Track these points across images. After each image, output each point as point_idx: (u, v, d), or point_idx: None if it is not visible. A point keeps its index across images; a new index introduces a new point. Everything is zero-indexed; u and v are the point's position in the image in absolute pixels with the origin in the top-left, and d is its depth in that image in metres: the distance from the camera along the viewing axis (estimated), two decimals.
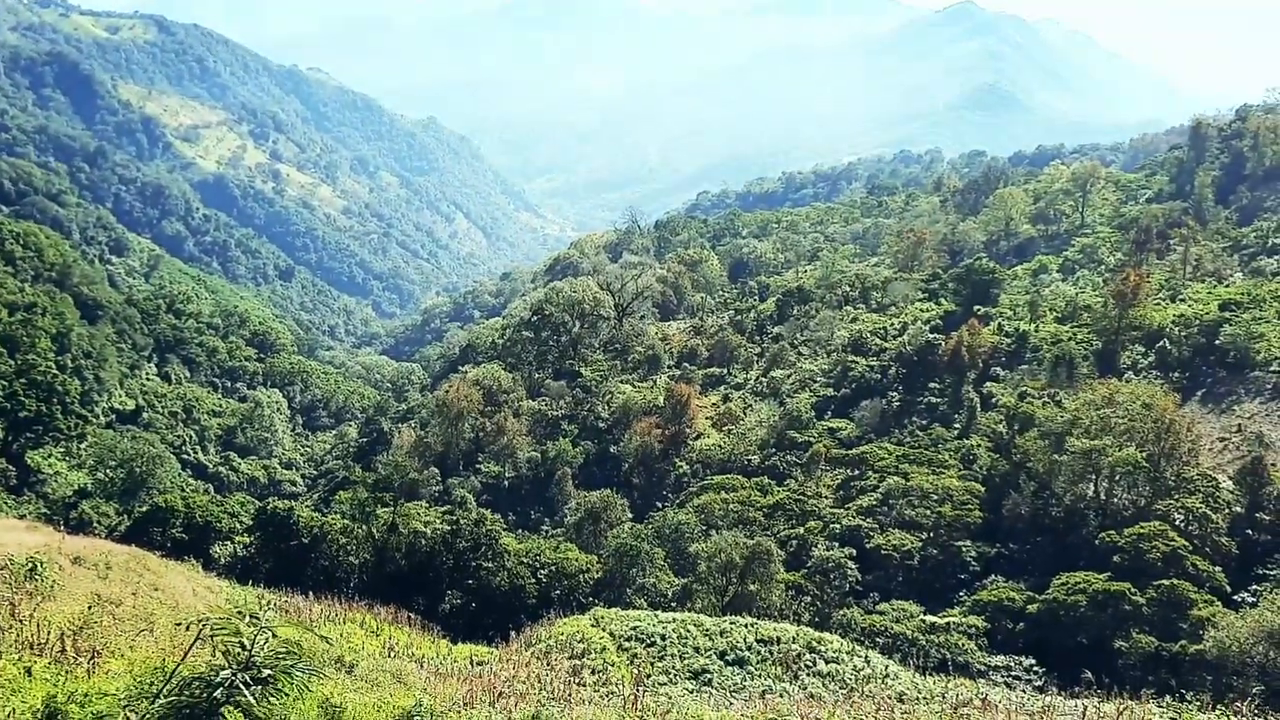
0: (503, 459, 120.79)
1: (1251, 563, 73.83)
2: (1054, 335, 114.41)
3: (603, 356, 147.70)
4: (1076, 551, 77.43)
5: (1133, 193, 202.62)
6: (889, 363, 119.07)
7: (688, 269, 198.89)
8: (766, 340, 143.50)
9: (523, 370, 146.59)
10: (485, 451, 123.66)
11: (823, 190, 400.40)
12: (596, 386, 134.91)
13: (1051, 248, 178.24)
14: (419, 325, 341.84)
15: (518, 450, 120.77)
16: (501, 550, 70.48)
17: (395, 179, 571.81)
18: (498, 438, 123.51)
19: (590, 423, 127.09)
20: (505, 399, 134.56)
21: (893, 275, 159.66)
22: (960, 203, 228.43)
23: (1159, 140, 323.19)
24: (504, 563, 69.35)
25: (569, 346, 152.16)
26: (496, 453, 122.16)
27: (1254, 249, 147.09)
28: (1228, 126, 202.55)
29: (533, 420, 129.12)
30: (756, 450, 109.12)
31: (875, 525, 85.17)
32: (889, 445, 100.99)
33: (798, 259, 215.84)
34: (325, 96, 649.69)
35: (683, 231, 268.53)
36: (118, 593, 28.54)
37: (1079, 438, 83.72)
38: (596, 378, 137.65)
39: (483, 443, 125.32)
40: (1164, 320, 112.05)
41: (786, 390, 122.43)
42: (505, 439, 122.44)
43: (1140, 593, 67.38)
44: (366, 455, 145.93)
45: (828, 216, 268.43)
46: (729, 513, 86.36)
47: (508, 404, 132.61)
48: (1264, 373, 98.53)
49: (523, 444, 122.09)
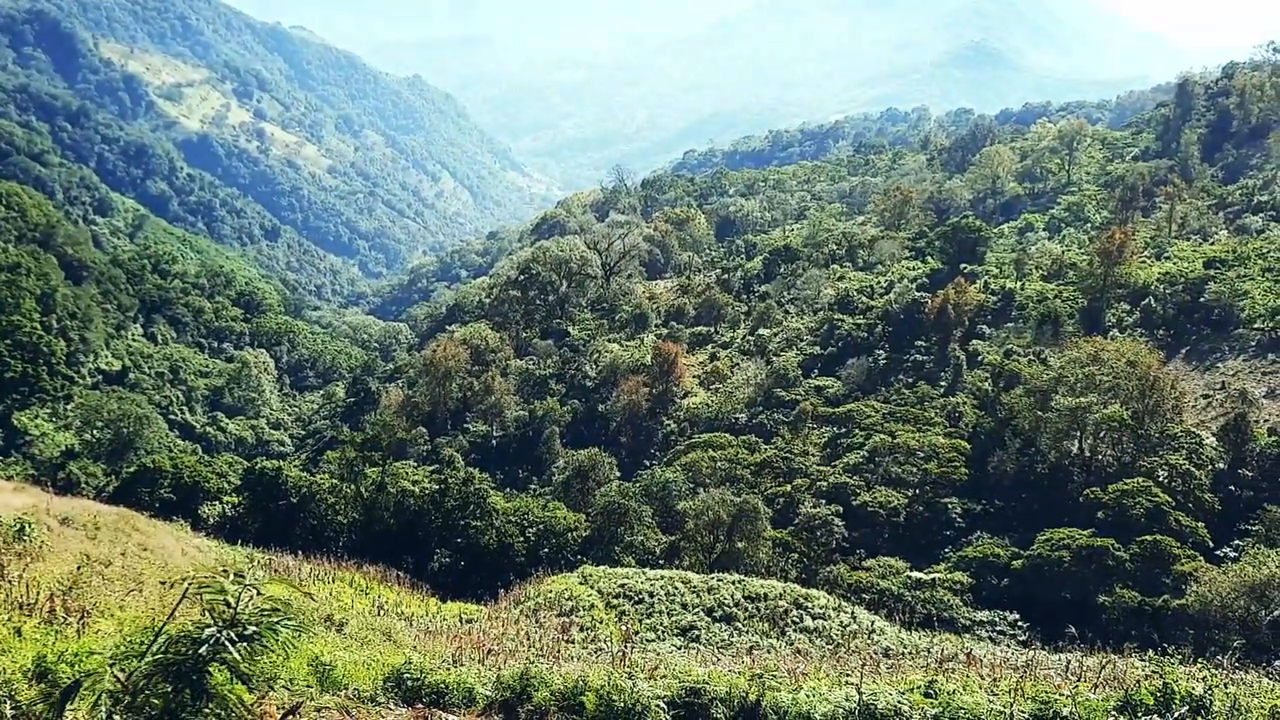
0: (490, 418, 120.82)
1: (1234, 518, 74.48)
2: (1040, 293, 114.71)
3: (590, 315, 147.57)
4: (1061, 508, 78.04)
5: (1119, 151, 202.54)
6: (875, 321, 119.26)
7: (675, 228, 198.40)
8: (753, 299, 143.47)
9: (510, 329, 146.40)
10: (473, 410, 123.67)
11: (810, 149, 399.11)
12: (584, 345, 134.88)
13: (1038, 206, 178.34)
14: (406, 285, 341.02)
15: (505, 409, 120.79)
16: (490, 509, 70.72)
17: (381, 138, 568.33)
18: (485, 397, 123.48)
19: (578, 381, 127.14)
20: (493, 358, 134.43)
21: (879, 234, 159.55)
22: (947, 161, 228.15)
23: (1146, 98, 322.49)
24: (492, 521, 69.60)
25: (556, 305, 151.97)
26: (484, 412, 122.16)
27: (1239, 207, 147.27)
28: (1215, 84, 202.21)
29: (520, 379, 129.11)
30: (744, 408, 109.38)
31: (862, 483, 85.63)
32: (875, 403, 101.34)
33: (785, 218, 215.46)
34: (309, 54, 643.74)
35: (670, 190, 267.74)
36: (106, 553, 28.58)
37: (1064, 395, 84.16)
38: (584, 337, 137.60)
39: (470, 402, 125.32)
40: (1149, 278, 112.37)
41: (773, 349, 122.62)
42: (493, 398, 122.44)
43: (1124, 548, 67.97)
44: (354, 415, 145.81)
45: (814, 175, 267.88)
46: (716, 470, 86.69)
47: (495, 363, 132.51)
48: (1248, 330, 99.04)
49: (510, 403, 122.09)
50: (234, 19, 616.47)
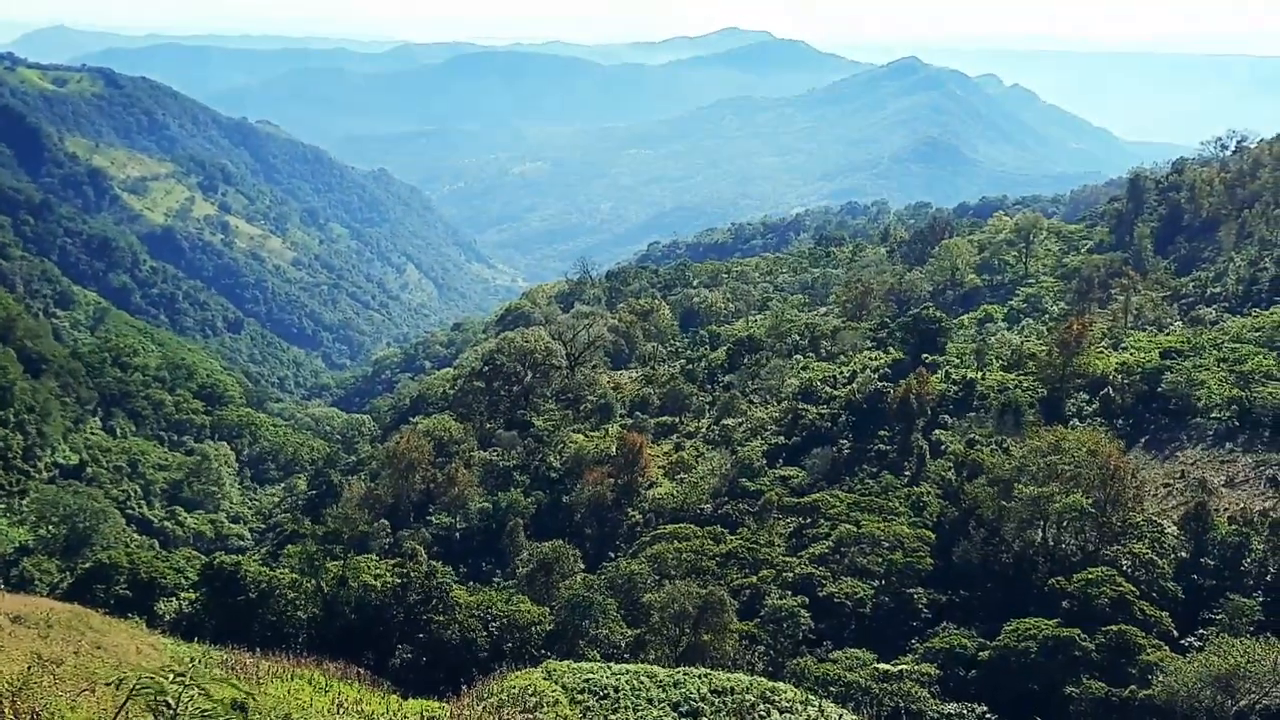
0: (454, 510, 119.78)
1: (1197, 607, 74.72)
2: (1000, 383, 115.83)
3: (555, 406, 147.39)
4: (1026, 597, 77.95)
5: (1074, 243, 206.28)
6: (839, 410, 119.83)
7: (639, 318, 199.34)
8: (718, 389, 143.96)
9: (474, 420, 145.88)
10: (436, 503, 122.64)
11: (772, 241, 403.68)
12: (549, 436, 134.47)
13: (997, 297, 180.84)
14: (370, 376, 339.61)
15: (469, 501, 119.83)
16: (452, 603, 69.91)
17: (346, 230, 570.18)
18: (449, 489, 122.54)
19: (542, 472, 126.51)
20: (456, 450, 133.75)
21: (841, 324, 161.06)
22: (907, 253, 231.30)
23: (1099, 192, 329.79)
24: (455, 615, 68.77)
25: (521, 396, 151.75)
26: (448, 504, 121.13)
27: (1193, 298, 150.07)
28: (1165, 179, 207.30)
29: (484, 471, 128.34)
30: (709, 499, 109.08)
31: (828, 573, 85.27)
32: (840, 493, 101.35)
33: (748, 308, 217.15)
34: (275, 148, 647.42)
35: (634, 281, 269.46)
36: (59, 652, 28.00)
37: (1026, 484, 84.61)
38: (548, 427, 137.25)
39: (434, 494, 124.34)
40: (1107, 368, 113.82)
41: (738, 438, 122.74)
42: (456, 490, 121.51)
43: (1090, 638, 67.93)
44: (316, 508, 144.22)
45: (777, 267, 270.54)
46: (682, 562, 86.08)
47: (459, 455, 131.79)
48: (1205, 419, 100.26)
49: (474, 495, 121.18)
50: (200, 114, 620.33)
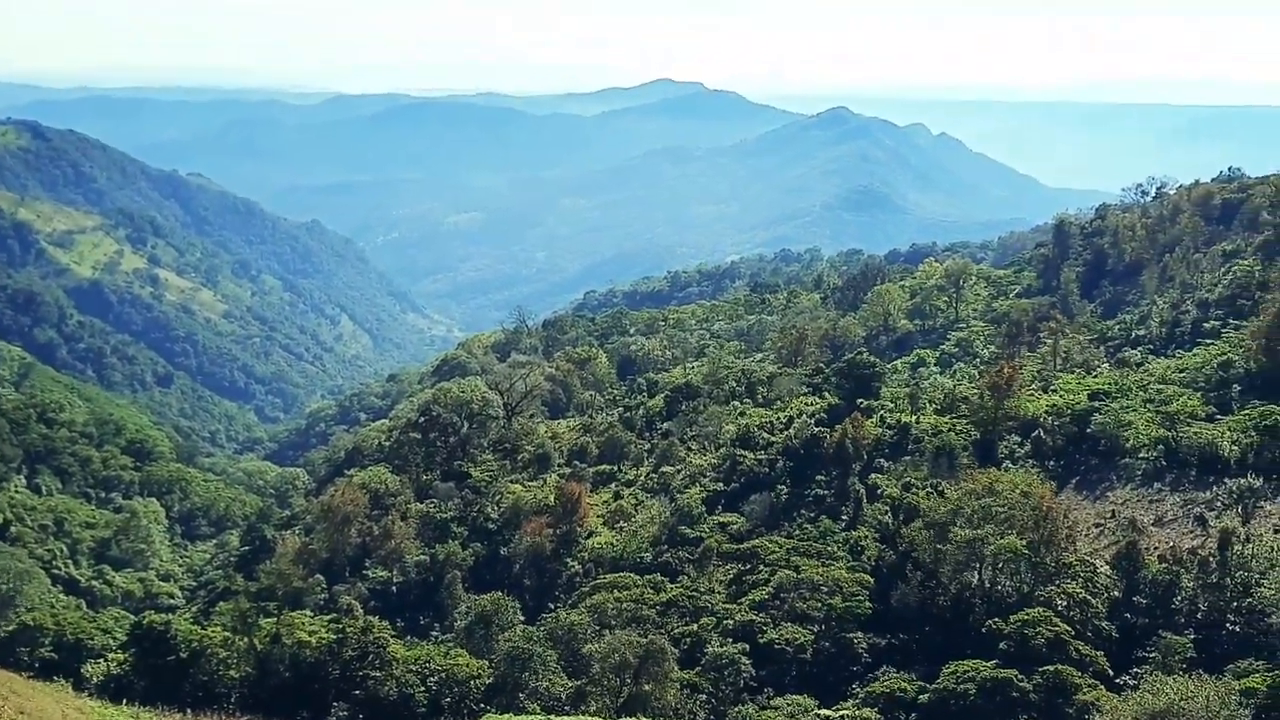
0: (391, 564, 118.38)
1: (1131, 646, 75.70)
2: (934, 426, 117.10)
3: (492, 456, 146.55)
4: (965, 639, 78.52)
5: (1003, 288, 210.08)
6: (777, 456, 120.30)
7: (576, 367, 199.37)
8: (656, 436, 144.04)
9: (410, 472, 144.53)
10: (372, 557, 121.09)
11: (707, 288, 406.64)
12: (486, 487, 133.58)
13: (929, 341, 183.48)
14: (303, 429, 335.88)
15: (406, 554, 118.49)
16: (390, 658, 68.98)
17: (278, 282, 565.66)
18: (385, 542, 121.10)
19: (480, 524, 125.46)
20: (392, 502, 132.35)
21: (778, 370, 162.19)
22: (840, 299, 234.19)
23: (1025, 237, 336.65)
24: (392, 671, 67.85)
25: (457, 447, 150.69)
26: (384, 557, 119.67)
27: (1119, 341, 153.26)
28: (1089, 224, 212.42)
29: (421, 523, 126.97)
30: (649, 547, 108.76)
31: (768, 619, 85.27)
32: (779, 538, 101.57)
33: (685, 356, 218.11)
34: (206, 200, 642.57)
35: (571, 330, 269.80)
36: None
37: (962, 527, 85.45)
38: (486, 478, 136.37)
39: (370, 548, 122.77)
40: (1038, 410, 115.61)
41: (677, 486, 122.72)
42: (393, 543, 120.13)
43: (1027, 679, 68.59)
44: (249, 564, 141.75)
45: (713, 314, 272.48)
46: (622, 611, 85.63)
47: (395, 507, 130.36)
48: (1133, 459, 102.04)
49: (411, 548, 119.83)
50: (129, 166, 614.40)
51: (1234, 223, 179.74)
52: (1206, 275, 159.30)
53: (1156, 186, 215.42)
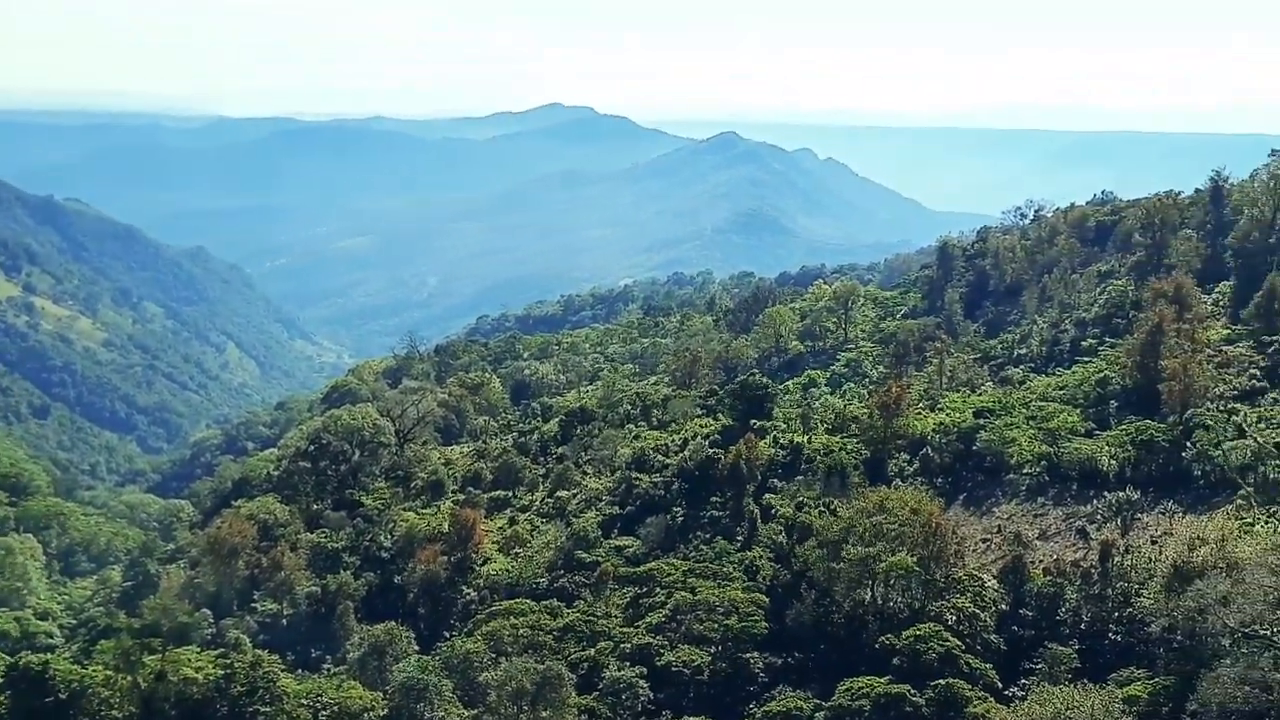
0: (280, 596, 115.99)
1: (1018, 658, 77.51)
2: (826, 446, 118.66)
3: (385, 484, 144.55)
4: (859, 656, 79.59)
5: (890, 309, 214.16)
6: (672, 478, 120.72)
7: (470, 392, 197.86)
8: (551, 461, 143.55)
9: (300, 502, 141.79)
10: (261, 589, 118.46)
11: (601, 312, 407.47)
12: (379, 515, 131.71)
13: (819, 362, 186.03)
14: (188, 460, 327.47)
15: (296, 586, 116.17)
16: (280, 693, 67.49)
17: (161, 309, 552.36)
18: (274, 574, 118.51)
19: (373, 553, 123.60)
20: (282, 533, 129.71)
21: (672, 393, 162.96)
22: (732, 321, 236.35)
23: (910, 259, 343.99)
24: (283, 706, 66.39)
25: (349, 476, 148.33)
26: (274, 590, 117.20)
27: (1001, 359, 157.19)
28: (971, 246, 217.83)
29: (312, 553, 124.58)
30: (545, 572, 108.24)
31: (665, 642, 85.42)
32: (675, 560, 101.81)
33: (579, 379, 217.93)
34: (84, 227, 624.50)
35: (463, 355, 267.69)
36: None
37: (854, 545, 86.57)
38: (378, 506, 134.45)
39: (258, 580, 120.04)
40: (925, 429, 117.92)
41: (573, 510, 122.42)
42: (283, 575, 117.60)
43: (920, 694, 69.77)
44: (132, 600, 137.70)
45: (606, 338, 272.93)
46: (518, 638, 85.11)
47: (285, 538, 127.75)
48: (1017, 475, 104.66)
49: (301, 579, 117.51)
50: (2, 192, 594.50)
51: (1108, 244, 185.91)
52: (1083, 295, 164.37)
53: (1035, 210, 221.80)
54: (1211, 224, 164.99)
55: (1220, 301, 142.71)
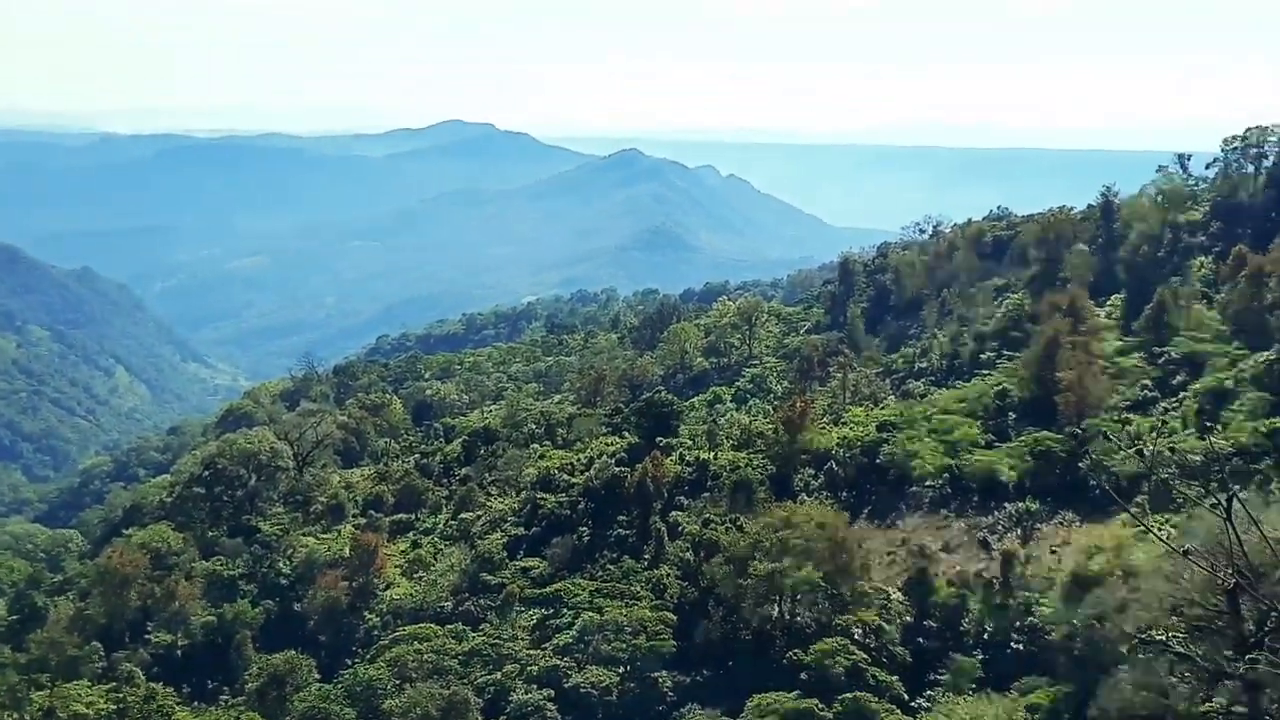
0: (175, 626, 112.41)
1: (924, 669, 78.08)
2: (732, 462, 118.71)
3: (283, 509, 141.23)
4: (767, 672, 79.43)
5: (794, 324, 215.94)
6: (578, 498, 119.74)
7: (370, 414, 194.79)
8: (454, 482, 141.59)
9: (195, 529, 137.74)
10: (155, 620, 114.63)
11: (504, 331, 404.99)
12: (277, 541, 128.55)
13: (724, 378, 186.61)
14: (77, 488, 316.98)
15: (191, 616, 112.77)
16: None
17: (46, 333, 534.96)
18: (169, 604, 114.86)
19: (271, 580, 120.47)
20: (176, 561, 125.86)
21: (577, 411, 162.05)
22: (637, 339, 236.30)
23: (813, 275, 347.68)
24: None
25: (245, 501, 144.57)
26: (168, 620, 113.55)
27: (903, 373, 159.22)
28: (872, 262, 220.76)
29: (208, 582, 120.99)
30: (449, 596, 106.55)
31: (573, 663, 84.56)
32: (582, 580, 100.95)
33: (482, 399, 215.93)
34: None
35: (363, 376, 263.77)
36: None
37: (761, 561, 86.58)
38: (277, 532, 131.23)
39: (152, 611, 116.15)
40: (830, 443, 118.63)
41: (477, 532, 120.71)
42: (177, 604, 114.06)
43: (828, 708, 69.79)
44: (17, 635, 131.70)
45: (510, 356, 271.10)
46: (423, 664, 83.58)
47: (179, 567, 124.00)
48: (921, 488, 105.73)
49: (197, 608, 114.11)
50: None
51: (1004, 259, 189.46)
52: (981, 309, 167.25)
53: (934, 225, 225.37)
54: (1103, 238, 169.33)
55: (1113, 314, 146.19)
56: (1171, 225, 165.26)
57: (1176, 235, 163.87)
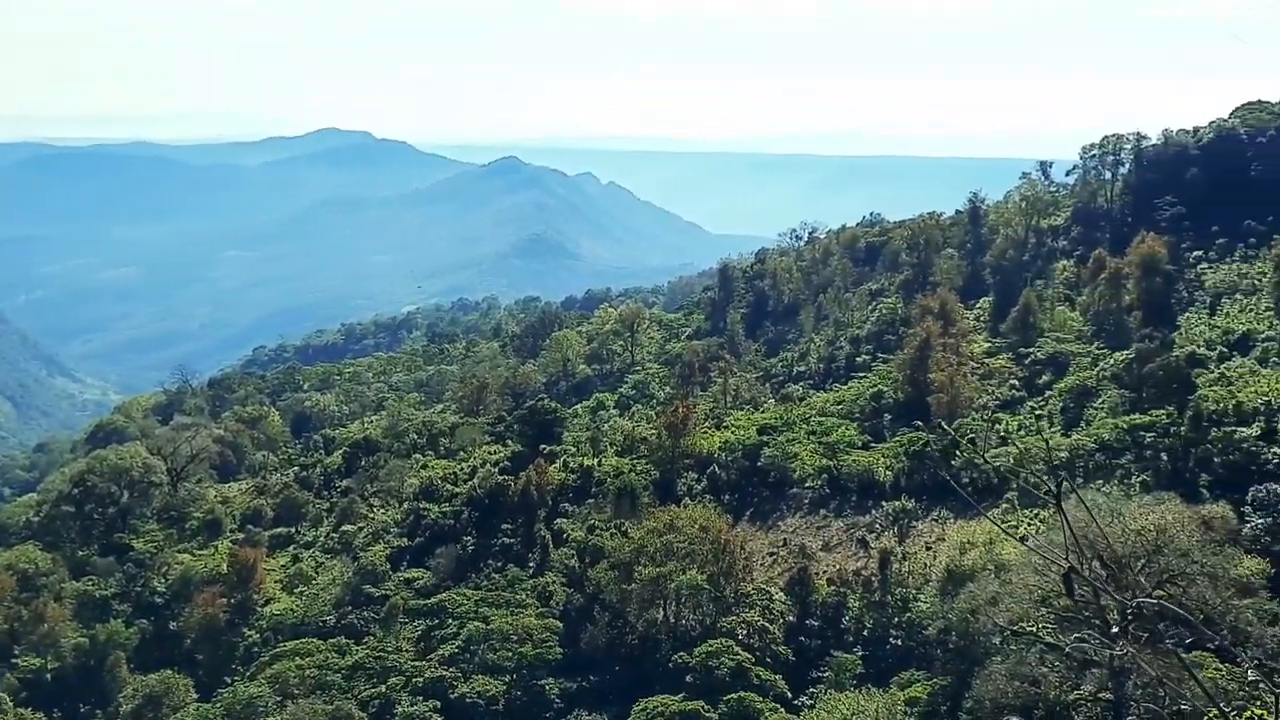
0: (44, 649, 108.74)
1: (806, 667, 79.60)
2: (616, 468, 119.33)
3: (157, 526, 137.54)
4: (653, 676, 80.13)
5: (675, 330, 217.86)
6: (462, 507, 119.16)
7: (247, 427, 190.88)
8: (335, 494, 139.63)
9: (64, 549, 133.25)
10: (22, 643, 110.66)
11: (384, 340, 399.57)
12: (151, 559, 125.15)
13: (607, 385, 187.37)
14: None
15: (61, 638, 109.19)
16: None
17: None
18: (37, 626, 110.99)
19: (146, 599, 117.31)
20: (45, 582, 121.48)
21: (459, 420, 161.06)
22: (519, 347, 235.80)
23: (693, 282, 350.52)
24: None
25: (117, 518, 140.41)
26: (36, 643, 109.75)
27: (782, 377, 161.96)
28: (750, 268, 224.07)
29: (79, 603, 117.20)
30: (331, 610, 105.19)
31: (459, 674, 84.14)
32: (467, 590, 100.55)
33: (363, 410, 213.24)
34: None
35: (240, 388, 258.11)
36: None
37: (646, 565, 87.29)
38: (151, 549, 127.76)
39: (19, 634, 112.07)
40: (712, 447, 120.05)
41: (359, 544, 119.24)
42: (46, 627, 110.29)
43: (713, 709, 70.62)
44: None
45: (390, 366, 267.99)
46: (305, 679, 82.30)
47: (48, 588, 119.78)
48: (801, 489, 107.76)
49: (67, 630, 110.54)
50: None
51: (878, 263, 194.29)
52: (856, 313, 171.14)
53: (809, 231, 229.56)
54: (971, 243, 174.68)
55: (981, 316, 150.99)
56: (1035, 230, 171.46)
57: (1040, 239, 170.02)
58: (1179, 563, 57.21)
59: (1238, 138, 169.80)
